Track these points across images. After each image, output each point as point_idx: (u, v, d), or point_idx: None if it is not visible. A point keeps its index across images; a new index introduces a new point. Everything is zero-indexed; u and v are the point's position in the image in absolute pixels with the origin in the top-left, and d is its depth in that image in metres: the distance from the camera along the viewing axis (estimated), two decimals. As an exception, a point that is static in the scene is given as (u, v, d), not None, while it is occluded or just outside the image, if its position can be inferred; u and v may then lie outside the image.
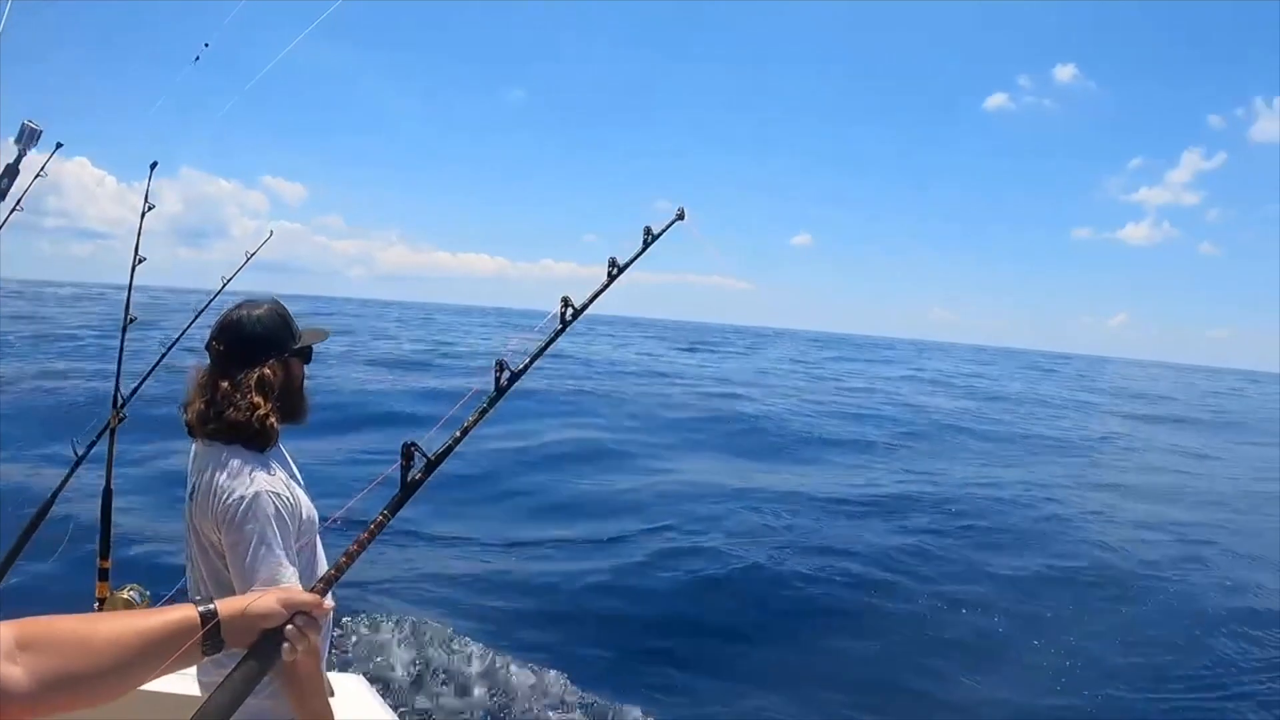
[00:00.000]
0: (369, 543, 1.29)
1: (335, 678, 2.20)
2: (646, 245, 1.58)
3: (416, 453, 1.30)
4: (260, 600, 1.22)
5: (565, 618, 5.47)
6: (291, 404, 1.97)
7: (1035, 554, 7.38)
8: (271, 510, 1.73)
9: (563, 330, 1.46)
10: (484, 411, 1.36)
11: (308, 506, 1.90)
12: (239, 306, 1.96)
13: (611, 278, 1.55)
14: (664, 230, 1.61)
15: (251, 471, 1.77)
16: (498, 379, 1.36)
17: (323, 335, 2.11)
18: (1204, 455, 16.56)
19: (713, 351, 40.24)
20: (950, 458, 13.02)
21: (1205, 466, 14.92)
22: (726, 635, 5.44)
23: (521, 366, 1.39)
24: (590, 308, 1.55)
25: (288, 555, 1.73)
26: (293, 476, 1.94)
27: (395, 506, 1.29)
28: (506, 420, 13.19)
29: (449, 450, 1.33)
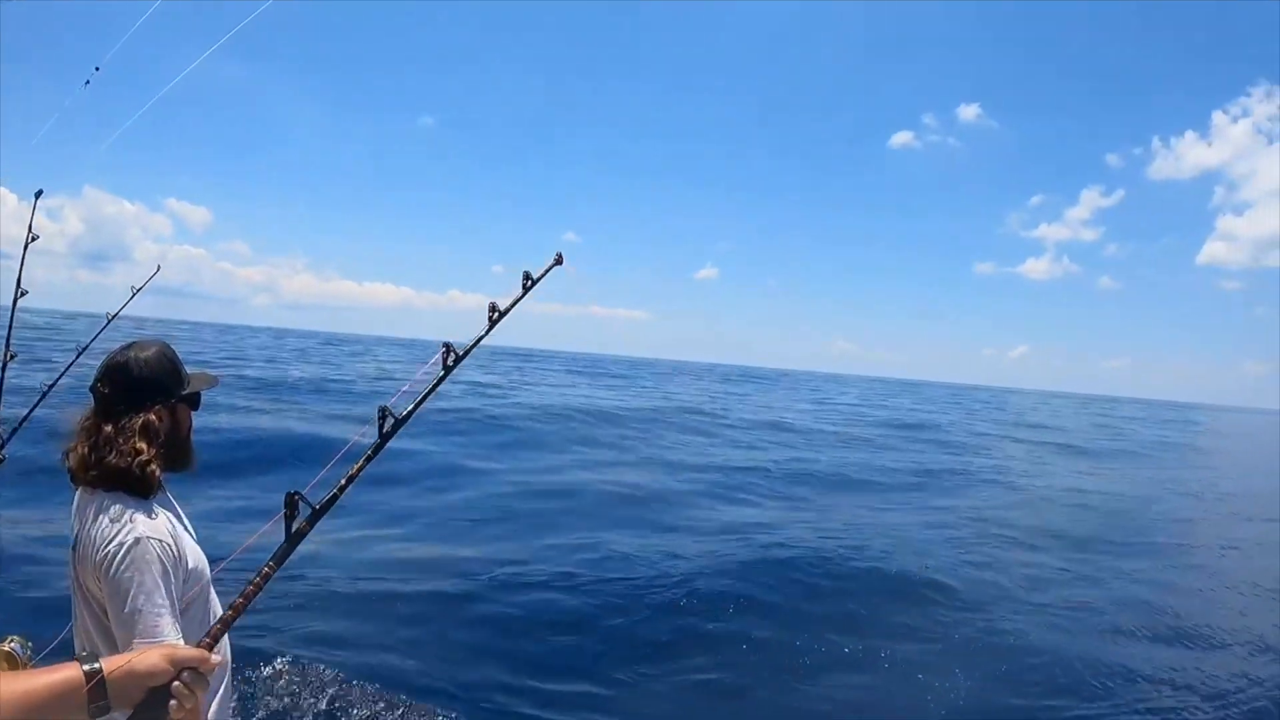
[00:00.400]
0: (255, 595, 1.32)
1: None
2: (526, 290, 1.67)
3: (301, 502, 1.35)
4: (144, 657, 1.21)
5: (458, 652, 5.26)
6: (177, 452, 1.92)
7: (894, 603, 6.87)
8: (152, 557, 1.66)
9: (445, 377, 1.53)
10: (368, 458, 1.42)
11: (195, 555, 1.84)
12: (127, 348, 1.90)
13: (493, 323, 1.63)
14: (542, 275, 1.70)
15: (132, 516, 1.70)
16: (381, 426, 1.42)
17: (213, 382, 2.06)
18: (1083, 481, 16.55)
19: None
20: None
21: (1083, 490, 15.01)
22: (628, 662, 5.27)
23: (405, 414, 1.45)
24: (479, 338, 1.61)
25: (169, 605, 1.66)
26: (181, 524, 1.89)
27: (281, 557, 1.33)
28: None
29: (333, 500, 1.38)
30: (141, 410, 1.83)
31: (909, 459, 17.11)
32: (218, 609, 1.92)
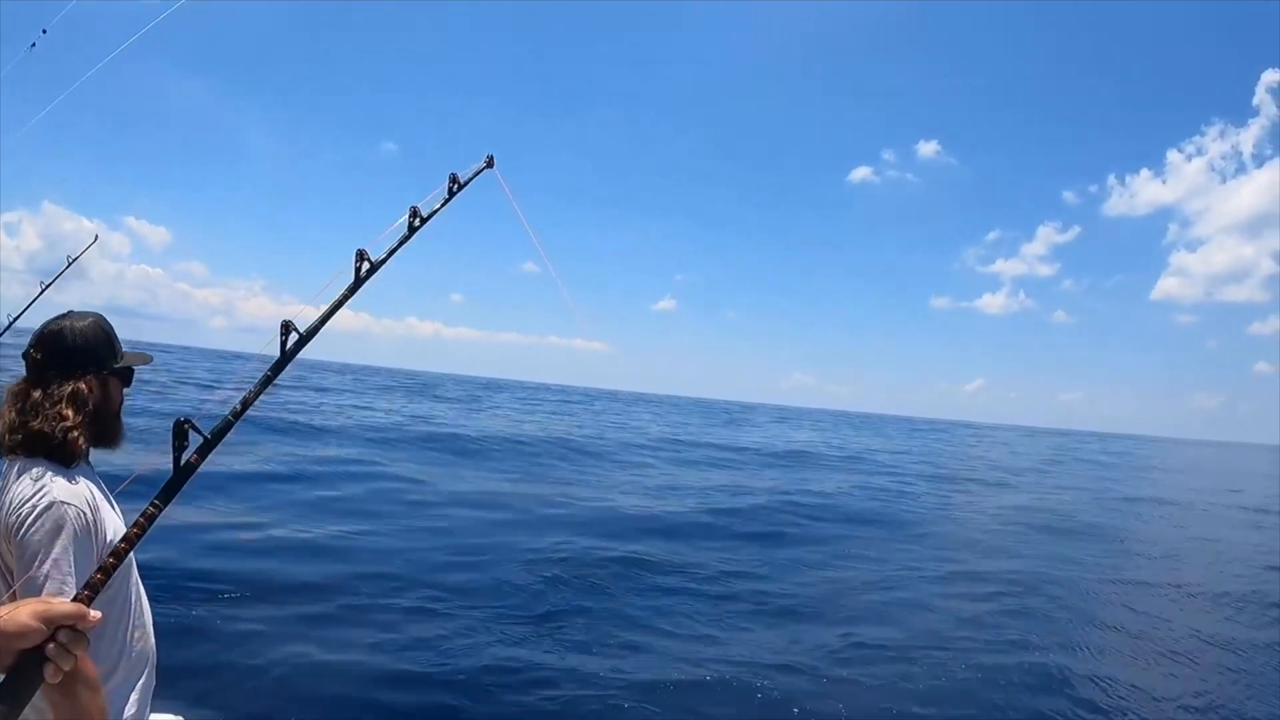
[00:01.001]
0: (140, 538, 1.15)
1: (156, 719, 1.98)
2: (452, 194, 1.55)
3: (191, 431, 1.17)
4: (12, 616, 1.06)
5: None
6: (105, 426, 1.84)
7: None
8: (66, 522, 1.58)
9: (356, 289, 1.38)
10: (268, 379, 1.25)
11: (116, 528, 1.72)
12: (63, 316, 1.86)
13: (412, 229, 1.52)
14: (471, 179, 1.60)
15: (51, 479, 1.63)
16: (284, 343, 1.26)
17: (146, 359, 2.00)
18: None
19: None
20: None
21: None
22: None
23: (310, 328, 1.29)
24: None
25: (77, 575, 1.54)
26: (104, 495, 1.77)
27: (168, 493, 1.15)
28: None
29: (228, 427, 1.21)
30: (72, 378, 1.78)
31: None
32: (142, 591, 1.84)
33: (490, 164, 1.71)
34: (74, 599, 1.12)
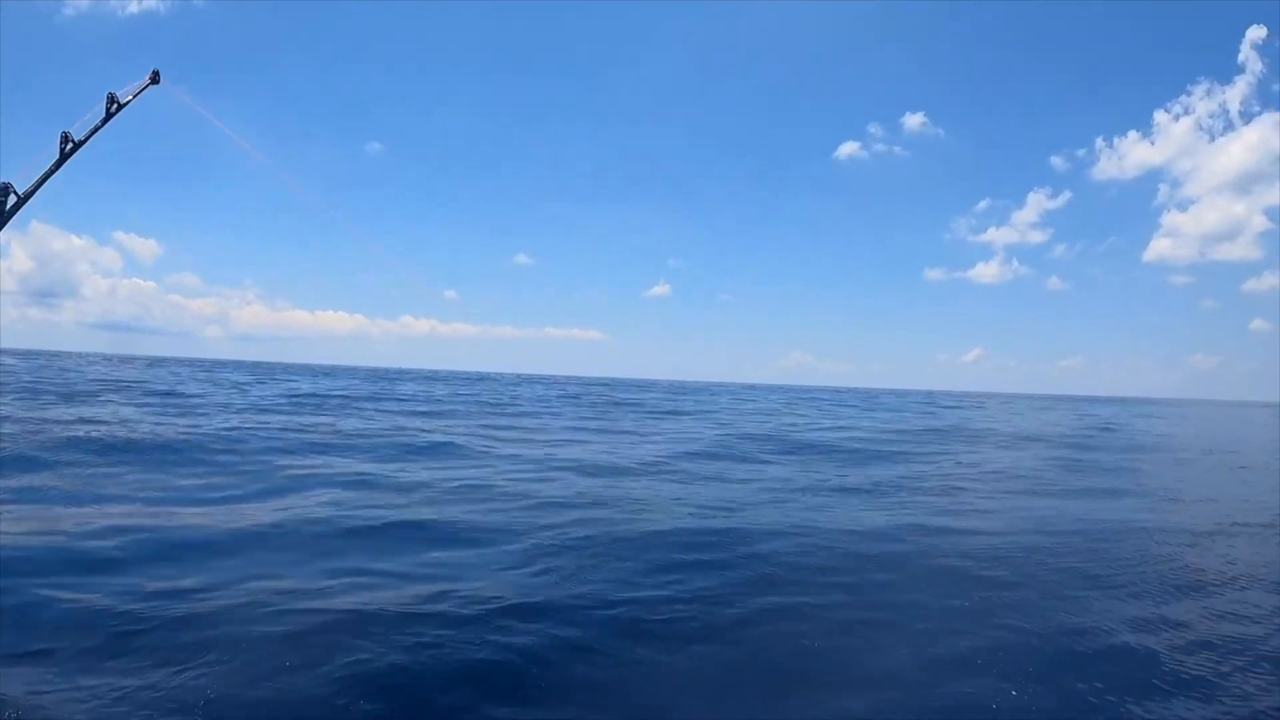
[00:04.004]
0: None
1: None
2: (111, 115, 2.62)
3: None
4: None
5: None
6: None
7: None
8: None
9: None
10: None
11: None
12: None
13: (66, 155, 2.84)
14: (134, 97, 2.52)
15: None
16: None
17: None
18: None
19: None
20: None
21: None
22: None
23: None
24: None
25: None
26: None
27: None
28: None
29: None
30: None
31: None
32: None
33: (155, 80, 2.39)
34: None
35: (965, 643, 5.65)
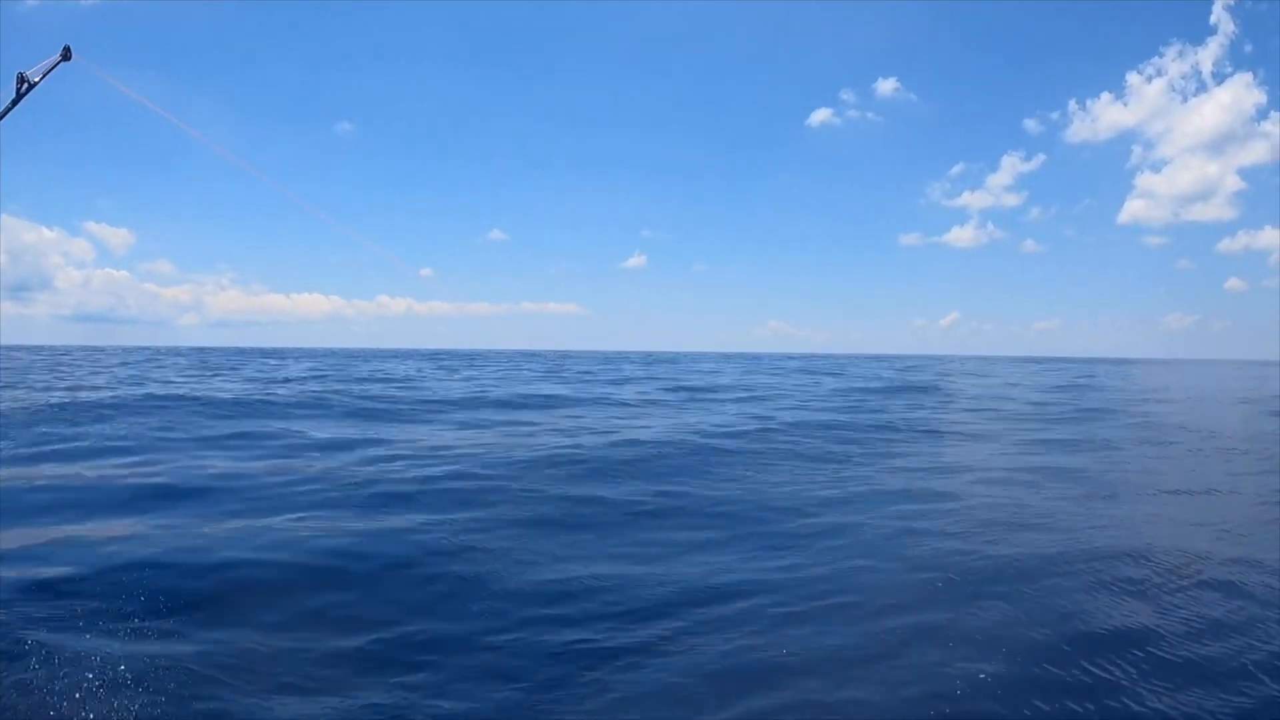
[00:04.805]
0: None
1: None
2: (21, 95, 2.07)
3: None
4: None
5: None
6: None
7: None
8: None
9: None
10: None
11: None
12: None
13: None
14: (44, 76, 2.08)
15: None
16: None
17: None
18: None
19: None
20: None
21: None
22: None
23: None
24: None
25: None
26: None
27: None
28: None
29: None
30: None
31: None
32: None
33: (67, 56, 1.70)
34: None
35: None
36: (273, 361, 58.99)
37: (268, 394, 23.10)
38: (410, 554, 6.57)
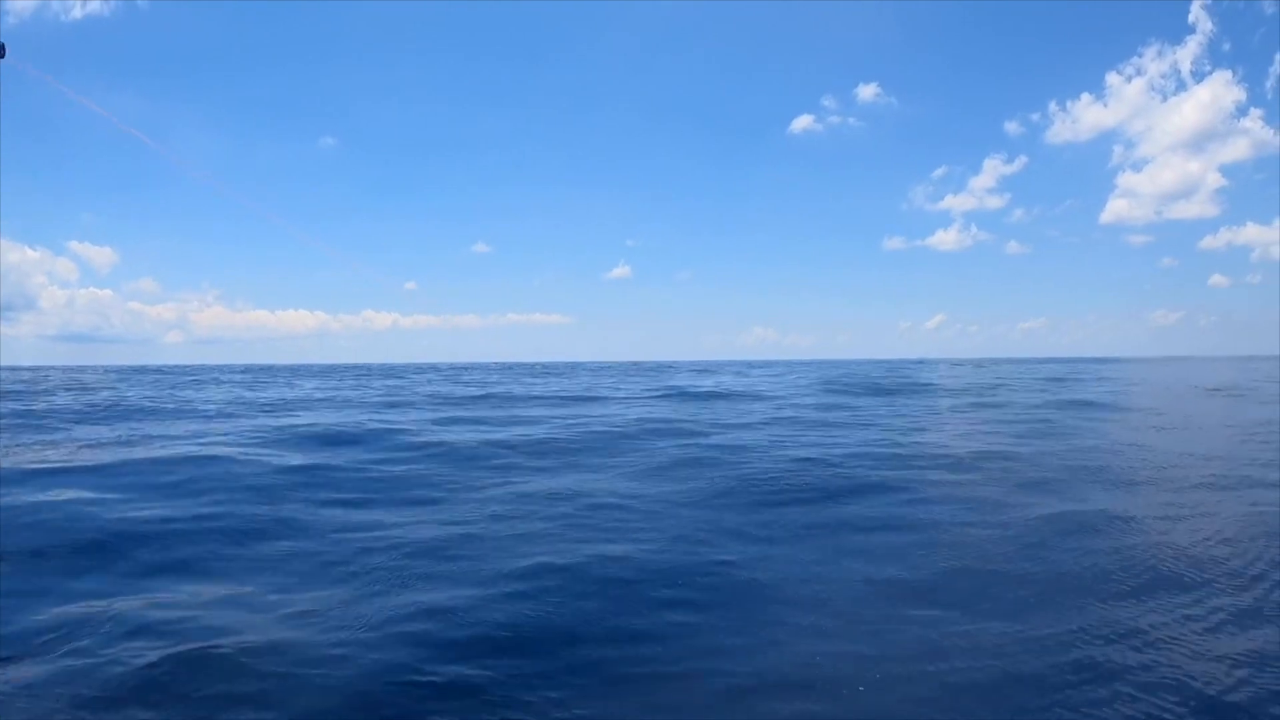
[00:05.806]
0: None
1: None
2: None
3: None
4: None
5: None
6: None
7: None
8: None
9: None
10: None
11: None
12: None
13: None
14: None
15: None
16: None
17: None
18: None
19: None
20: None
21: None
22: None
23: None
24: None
25: None
26: None
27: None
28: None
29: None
30: None
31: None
32: None
33: (0, 53, 1.64)
34: None
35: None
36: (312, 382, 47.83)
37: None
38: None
